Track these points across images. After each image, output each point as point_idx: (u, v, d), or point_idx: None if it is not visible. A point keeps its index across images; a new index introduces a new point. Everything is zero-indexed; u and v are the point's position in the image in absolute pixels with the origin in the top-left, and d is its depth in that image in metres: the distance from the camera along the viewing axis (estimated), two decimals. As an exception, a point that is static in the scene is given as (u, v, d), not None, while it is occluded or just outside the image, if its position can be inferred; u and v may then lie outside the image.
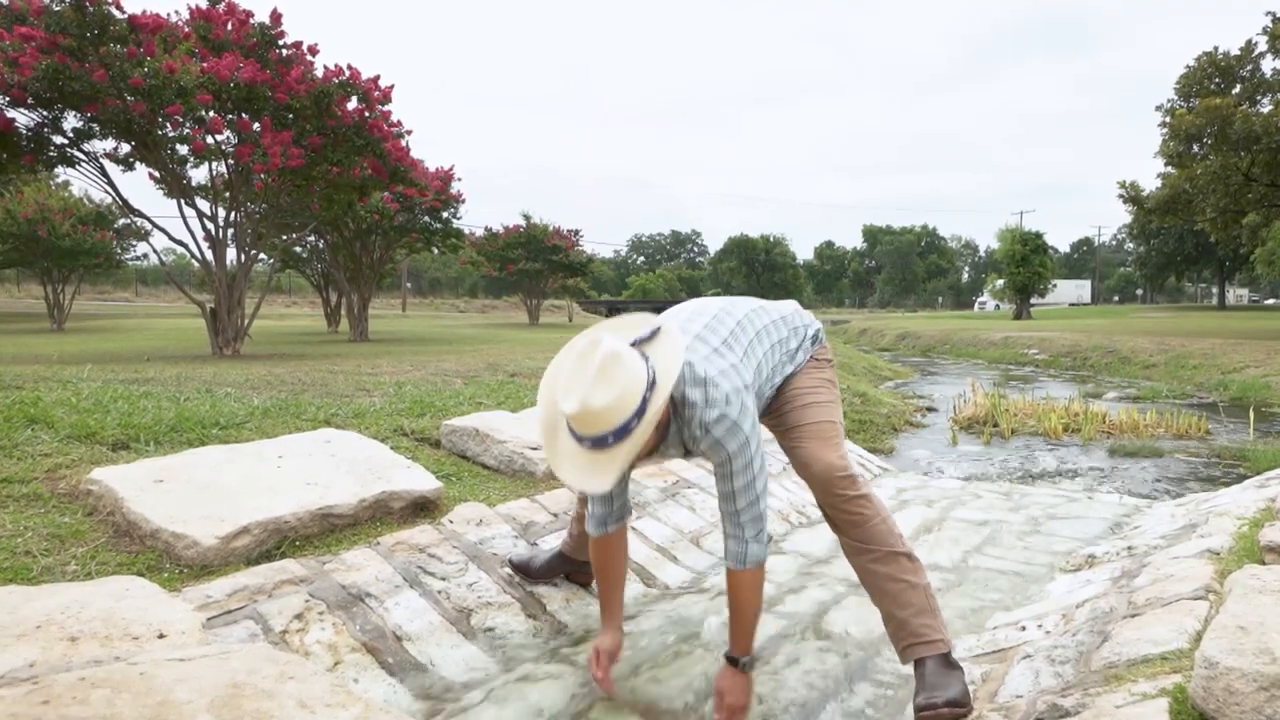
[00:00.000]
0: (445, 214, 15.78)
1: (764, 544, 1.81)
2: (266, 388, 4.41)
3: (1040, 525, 3.30)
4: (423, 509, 2.56)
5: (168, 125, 7.89)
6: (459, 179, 14.90)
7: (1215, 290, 61.78)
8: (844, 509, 1.85)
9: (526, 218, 27.81)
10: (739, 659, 1.81)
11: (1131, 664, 1.57)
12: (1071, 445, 5.57)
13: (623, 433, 1.57)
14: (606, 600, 2.03)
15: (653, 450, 1.78)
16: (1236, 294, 71.80)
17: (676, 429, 1.77)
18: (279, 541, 2.18)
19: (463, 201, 15.50)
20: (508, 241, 27.11)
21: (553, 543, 2.54)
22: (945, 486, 4.16)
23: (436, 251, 17.71)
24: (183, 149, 8.49)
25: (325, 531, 2.29)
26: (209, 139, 8.16)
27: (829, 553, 2.96)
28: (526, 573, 2.34)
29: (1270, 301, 72.62)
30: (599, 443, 1.58)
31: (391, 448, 3.13)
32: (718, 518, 3.13)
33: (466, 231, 26.09)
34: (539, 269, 26.82)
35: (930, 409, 7.74)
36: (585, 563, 2.38)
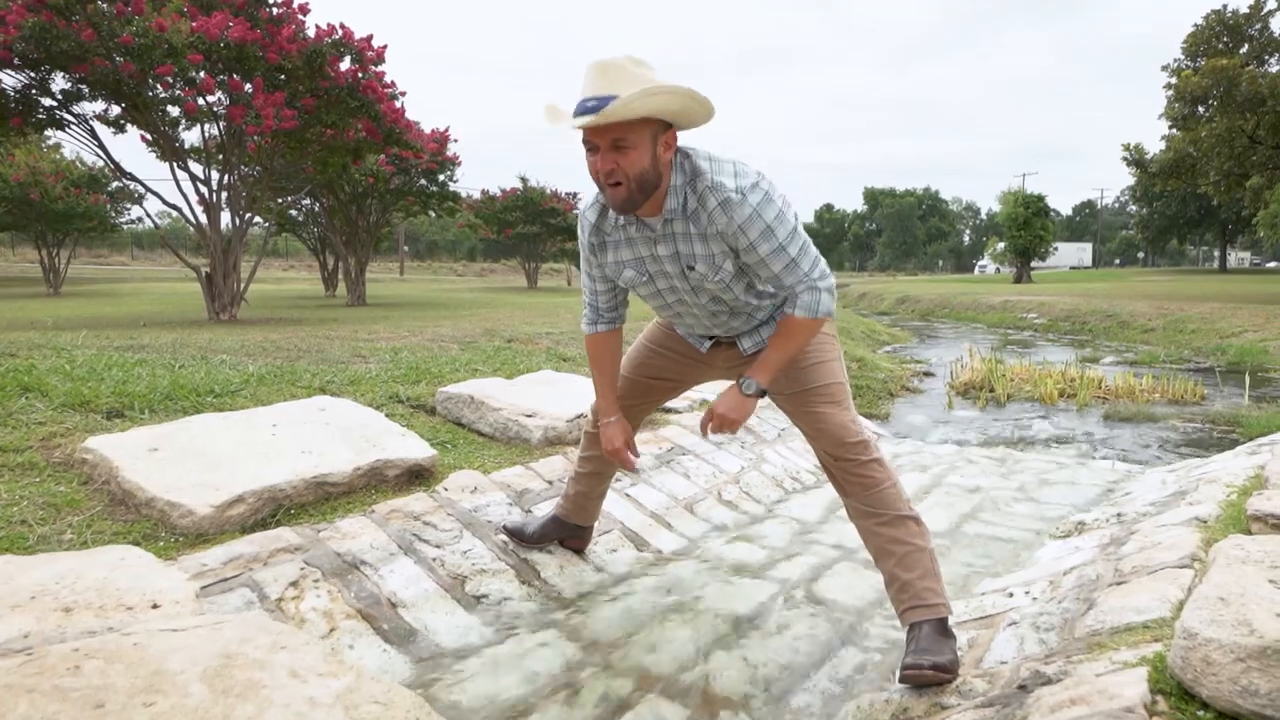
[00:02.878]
0: (442, 177, 15.62)
1: (834, 295, 1.81)
2: (262, 354, 4.41)
3: (1032, 492, 3.33)
4: (418, 476, 2.57)
5: (158, 86, 7.77)
6: (455, 140, 14.72)
7: (1217, 253, 61.58)
8: (855, 473, 1.85)
9: (524, 180, 27.57)
10: (752, 384, 1.83)
11: (1115, 632, 1.59)
12: (1067, 411, 5.59)
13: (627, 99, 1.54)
14: (602, 392, 2.09)
15: (657, 207, 1.73)
16: (1238, 256, 71.59)
17: (692, 206, 1.72)
18: (274, 510, 2.20)
19: (459, 164, 15.34)
20: (505, 205, 26.92)
21: (547, 510, 2.56)
22: (940, 452, 4.18)
23: (433, 215, 17.53)
24: (174, 111, 8.35)
25: (320, 499, 2.31)
26: (200, 100, 8.03)
27: (822, 517, 2.99)
28: (521, 538, 2.36)
29: (1272, 264, 72.40)
30: (600, 102, 1.56)
31: (387, 415, 3.14)
32: (712, 484, 3.16)
33: (464, 195, 25.91)
34: (537, 232, 26.68)
35: (928, 374, 7.75)
36: (580, 527, 2.40)
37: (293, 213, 18.39)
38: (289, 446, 2.45)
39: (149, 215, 11.76)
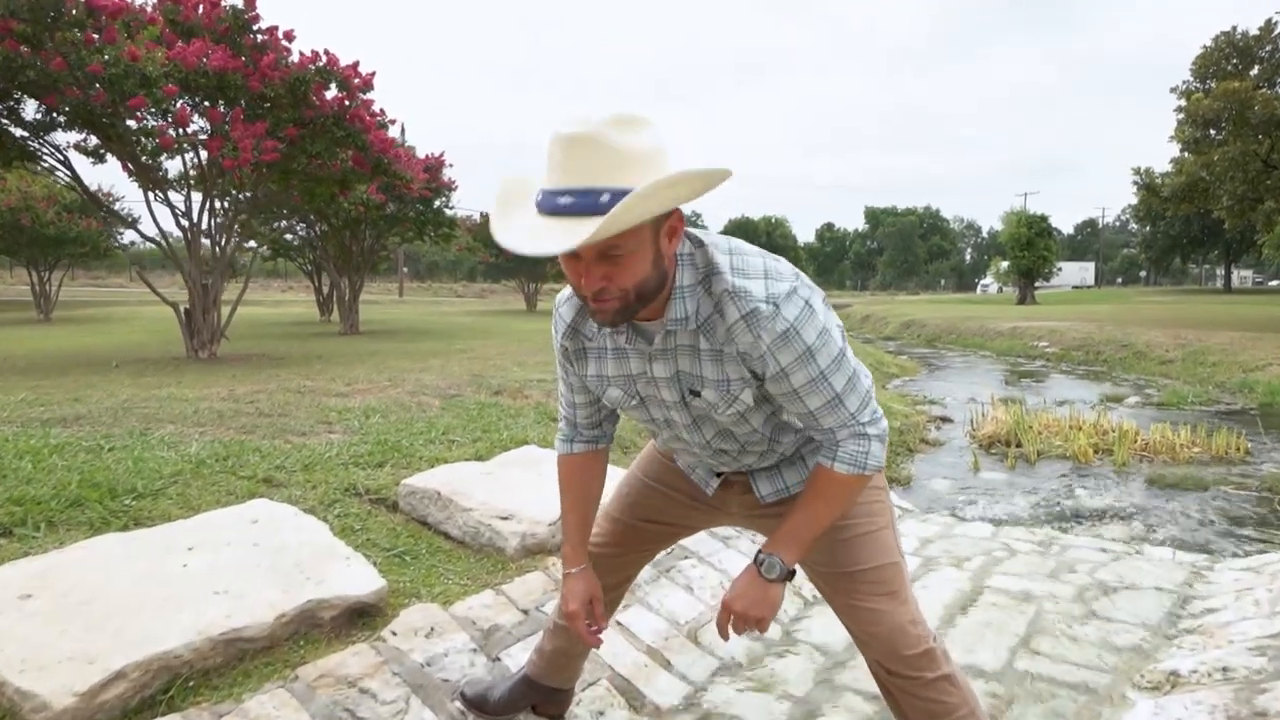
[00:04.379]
0: (437, 203, 15.24)
1: (885, 441, 1.37)
2: (215, 422, 3.95)
3: (1093, 602, 2.86)
4: (361, 615, 2.11)
5: (131, 118, 7.38)
6: (450, 165, 14.36)
7: (1220, 272, 61.22)
8: (919, 695, 1.40)
9: (523, 203, 27.21)
10: (776, 565, 1.37)
11: None
12: (1104, 472, 5.12)
13: (615, 198, 1.08)
14: (569, 533, 1.62)
15: (656, 313, 1.29)
16: (1240, 275, 71.36)
17: (705, 315, 1.28)
18: (167, 683, 1.74)
19: (454, 189, 14.96)
20: (504, 227, 26.54)
21: (519, 657, 2.10)
22: (974, 534, 3.72)
23: (428, 241, 17.17)
24: (150, 142, 7.96)
25: (231, 662, 1.85)
26: (175, 132, 7.64)
27: (848, 644, 2.52)
28: (483, 710, 1.89)
29: (1274, 283, 72.28)
30: (580, 200, 1.10)
31: (338, 516, 2.69)
32: (719, 600, 2.70)
33: (463, 215, 25.57)
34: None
35: (944, 419, 7.29)
36: (556, 690, 1.94)
37: (288, 237, 18.04)
38: (201, 585, 1.99)
39: (145, 237, 11.37)
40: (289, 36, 8.17)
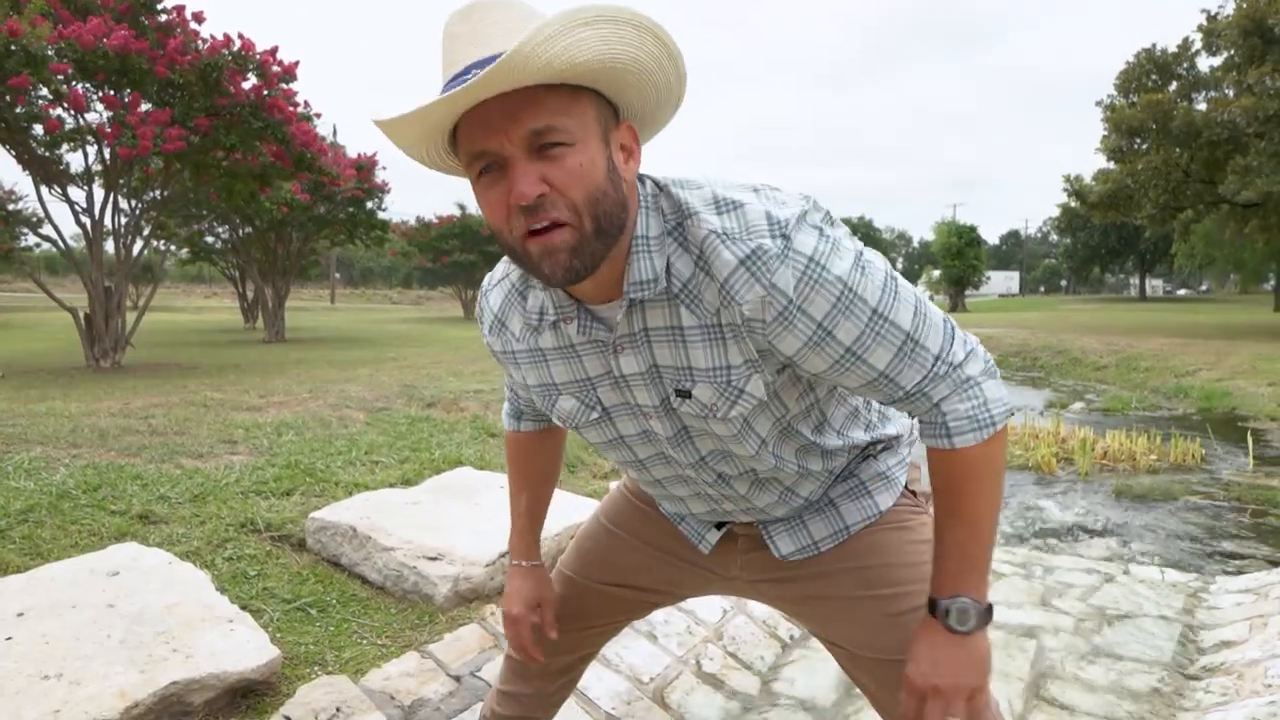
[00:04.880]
0: (369, 204, 14.55)
1: (997, 376, 0.96)
2: (95, 443, 3.41)
3: (1094, 634, 2.59)
4: (246, 695, 1.67)
5: (17, 100, 6.64)
6: (384, 167, 13.71)
7: (1134, 281, 64.22)
8: None
9: (461, 208, 26.66)
10: (968, 604, 0.96)
11: None
12: (1069, 482, 4.95)
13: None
14: (519, 520, 1.31)
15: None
16: (1152, 284, 75.07)
17: (685, 276, 0.89)
18: (-42, 817, 1.27)
19: (388, 191, 14.31)
20: (441, 232, 25.93)
21: (449, 740, 1.68)
22: (951, 556, 3.44)
23: (360, 245, 16.42)
24: (37, 129, 7.22)
25: (58, 776, 1.39)
26: (68, 116, 6.93)
27: (837, 697, 2.18)
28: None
29: (1182, 292, 76.30)
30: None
31: (228, 560, 2.23)
32: (688, 647, 2.33)
33: (397, 221, 24.78)
34: (474, 260, 25.66)
35: (898, 427, 7.09)
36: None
37: (209, 239, 17.03)
38: (26, 666, 1.52)
39: (41, 237, 10.47)
40: (198, 18, 7.54)
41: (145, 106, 7.20)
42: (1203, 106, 17.88)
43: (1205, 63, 20.03)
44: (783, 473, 1.06)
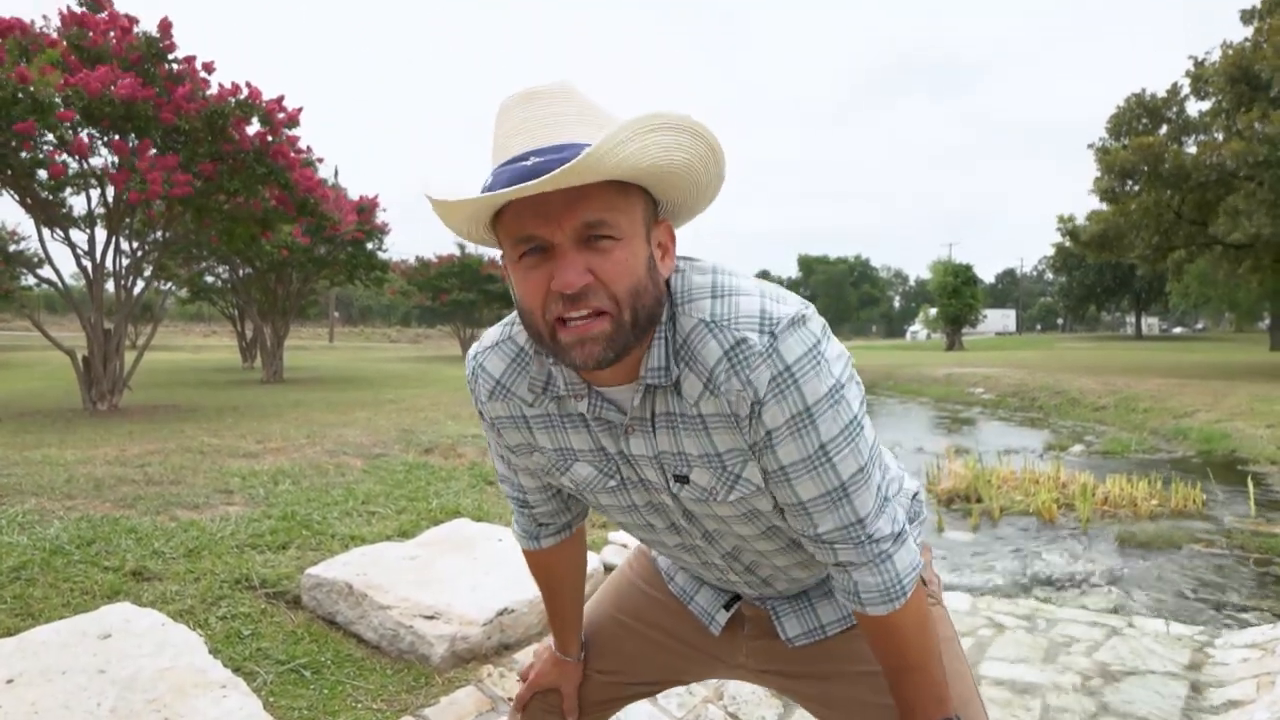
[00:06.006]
0: (370, 245, 14.66)
1: (913, 548, 0.97)
2: (90, 494, 3.39)
3: (1099, 692, 2.55)
4: (238, 766, 1.64)
5: (22, 146, 6.73)
6: (384, 209, 13.83)
7: (1130, 319, 64.58)
8: None
9: (461, 247, 26.81)
10: None
11: None
12: (1070, 530, 4.92)
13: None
14: (555, 616, 1.26)
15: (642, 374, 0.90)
16: (1147, 323, 75.55)
17: (676, 371, 0.89)
18: None
19: (388, 232, 14.42)
20: (440, 271, 26.06)
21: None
22: (954, 607, 3.40)
23: (360, 285, 16.51)
24: (42, 174, 7.30)
25: None
26: (72, 162, 7.01)
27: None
28: None
29: (1178, 330, 76.78)
30: (553, 158, 0.79)
31: (222, 619, 2.20)
32: (687, 711, 2.29)
33: (397, 260, 24.95)
34: (473, 299, 25.78)
35: (897, 471, 7.06)
36: None
37: (209, 279, 17.12)
38: (14, 738, 1.50)
39: (40, 279, 10.50)
40: (208, 68, 7.68)
41: (152, 152, 7.30)
42: (1193, 150, 18.17)
43: (1194, 107, 20.38)
44: (788, 555, 1.06)
